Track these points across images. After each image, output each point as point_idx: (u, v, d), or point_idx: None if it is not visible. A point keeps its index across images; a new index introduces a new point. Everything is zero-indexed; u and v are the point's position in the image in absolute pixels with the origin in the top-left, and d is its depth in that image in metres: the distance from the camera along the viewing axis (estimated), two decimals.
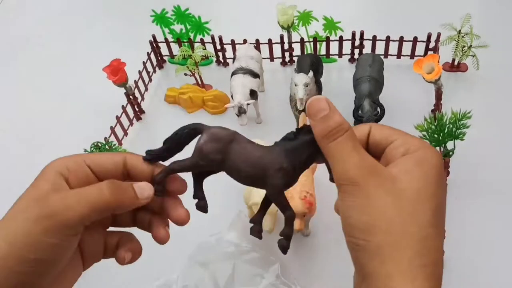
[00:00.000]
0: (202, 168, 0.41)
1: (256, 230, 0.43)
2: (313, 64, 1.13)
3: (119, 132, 1.15)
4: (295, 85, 1.02)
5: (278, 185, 0.40)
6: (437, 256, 0.34)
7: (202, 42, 1.34)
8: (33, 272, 0.35)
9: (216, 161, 0.40)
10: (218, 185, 0.88)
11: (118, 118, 1.15)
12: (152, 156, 0.41)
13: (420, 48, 1.28)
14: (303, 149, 0.39)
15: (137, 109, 1.23)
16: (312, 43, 1.32)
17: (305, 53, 1.32)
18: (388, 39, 1.28)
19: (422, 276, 0.32)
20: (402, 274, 0.32)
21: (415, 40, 1.27)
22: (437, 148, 0.97)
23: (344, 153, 0.35)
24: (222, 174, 0.42)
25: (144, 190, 0.39)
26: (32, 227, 0.34)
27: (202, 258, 0.89)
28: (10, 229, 0.34)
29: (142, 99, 1.28)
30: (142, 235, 0.44)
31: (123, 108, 1.17)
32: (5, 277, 0.33)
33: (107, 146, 1.00)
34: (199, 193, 0.43)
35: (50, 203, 0.35)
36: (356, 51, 1.33)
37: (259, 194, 0.86)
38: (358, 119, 1.05)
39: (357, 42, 1.30)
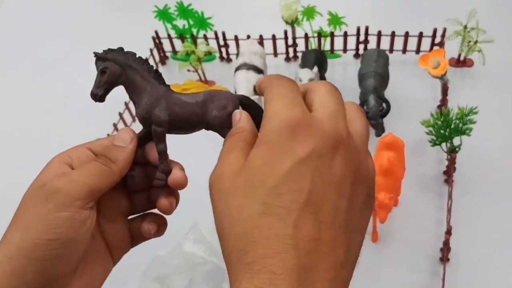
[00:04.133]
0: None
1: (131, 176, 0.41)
2: (317, 60, 1.12)
3: None
4: (300, 80, 1.01)
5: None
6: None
7: (205, 38, 1.33)
8: (51, 257, 0.34)
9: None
10: None
11: (120, 114, 1.14)
12: None
13: (426, 43, 1.27)
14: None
15: None
16: (316, 39, 1.31)
17: (309, 48, 1.31)
18: (393, 34, 1.26)
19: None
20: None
21: (420, 35, 1.25)
22: (443, 144, 0.96)
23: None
24: None
25: (124, 136, 0.39)
26: (41, 208, 0.34)
27: (157, 273, 0.87)
28: (21, 218, 0.35)
29: None
30: None
31: (126, 104, 1.16)
32: (24, 267, 0.33)
33: None
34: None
35: (54, 183, 0.35)
36: (361, 46, 1.31)
37: None
38: None
39: (362, 38, 1.29)
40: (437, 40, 1.26)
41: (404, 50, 1.30)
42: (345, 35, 1.29)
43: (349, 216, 0.30)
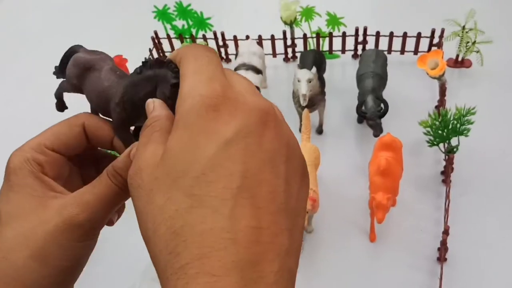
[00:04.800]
0: (74, 91, 0.41)
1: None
2: (316, 60, 1.12)
3: None
4: (298, 81, 1.02)
5: (115, 120, 0.37)
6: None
7: (204, 38, 1.33)
8: (67, 279, 0.34)
9: (75, 86, 0.40)
10: None
11: None
12: (56, 73, 0.43)
13: (424, 44, 1.27)
14: (143, 85, 0.35)
15: None
16: (315, 39, 1.31)
17: (308, 49, 1.32)
18: (391, 35, 1.27)
19: None
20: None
21: (418, 36, 1.26)
22: (441, 144, 0.97)
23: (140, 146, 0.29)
24: None
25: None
26: (61, 238, 0.32)
27: (155, 273, 0.87)
28: (34, 245, 0.31)
29: None
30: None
31: None
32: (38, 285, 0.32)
33: None
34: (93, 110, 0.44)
35: (72, 211, 0.32)
36: (360, 47, 1.32)
37: None
38: (362, 115, 1.05)
39: (360, 38, 1.30)
40: (435, 40, 1.26)
41: (403, 51, 1.30)
42: (344, 35, 1.29)
43: (287, 198, 0.26)
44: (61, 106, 0.44)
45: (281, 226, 0.25)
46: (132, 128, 0.39)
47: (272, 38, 1.31)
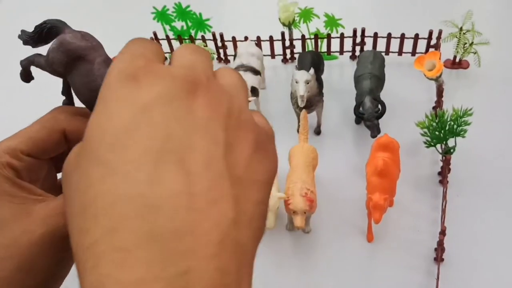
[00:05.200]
0: (53, 74, 0.39)
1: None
2: (314, 61, 1.13)
3: None
4: (296, 82, 1.02)
5: None
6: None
7: (203, 39, 1.34)
8: (45, 283, 0.33)
9: (57, 72, 0.38)
10: None
11: None
12: (23, 38, 0.41)
13: (422, 45, 1.28)
14: None
15: None
16: (313, 40, 1.32)
17: (306, 50, 1.32)
18: (389, 36, 1.27)
19: None
20: None
21: (416, 37, 1.27)
22: (438, 145, 0.97)
23: None
24: None
25: None
26: (48, 249, 0.30)
27: None
28: (19, 256, 0.30)
29: None
30: None
31: None
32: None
33: None
34: (65, 90, 0.42)
35: (59, 222, 0.30)
36: (358, 48, 1.32)
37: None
38: (359, 116, 1.05)
39: (358, 39, 1.30)
40: (433, 42, 1.27)
41: (400, 52, 1.31)
42: (342, 36, 1.30)
43: (230, 165, 0.23)
44: (27, 76, 0.42)
45: (222, 193, 0.22)
46: None
47: (271, 39, 1.32)
